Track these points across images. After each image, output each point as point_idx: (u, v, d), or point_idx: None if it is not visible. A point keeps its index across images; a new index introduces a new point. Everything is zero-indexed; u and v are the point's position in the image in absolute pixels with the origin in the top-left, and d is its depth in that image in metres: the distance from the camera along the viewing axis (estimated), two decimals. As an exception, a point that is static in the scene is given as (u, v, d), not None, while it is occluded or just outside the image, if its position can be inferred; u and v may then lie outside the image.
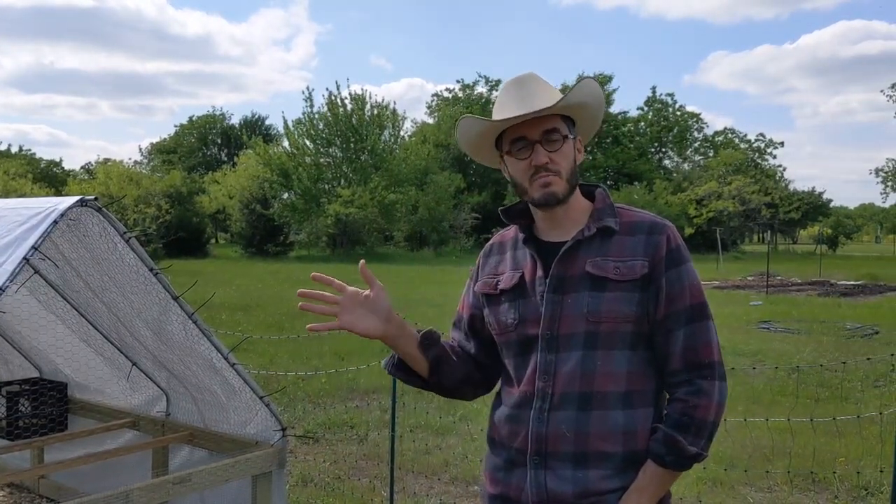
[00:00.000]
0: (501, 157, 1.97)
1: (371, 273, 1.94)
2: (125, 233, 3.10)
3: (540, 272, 1.89)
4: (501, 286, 1.97)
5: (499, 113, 1.92)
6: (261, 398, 3.62)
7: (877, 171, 54.36)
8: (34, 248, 2.65)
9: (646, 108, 67.59)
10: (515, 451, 1.89)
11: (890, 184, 53.62)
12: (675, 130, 66.35)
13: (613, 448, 1.80)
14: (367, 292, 1.94)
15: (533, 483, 1.84)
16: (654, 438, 1.80)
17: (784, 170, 69.25)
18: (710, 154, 65.28)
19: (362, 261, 2.03)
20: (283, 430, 3.72)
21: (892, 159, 53.14)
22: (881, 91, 59.58)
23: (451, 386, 2.17)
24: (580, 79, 2.00)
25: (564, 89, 1.95)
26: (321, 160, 44.97)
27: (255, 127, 73.71)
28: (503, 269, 2.01)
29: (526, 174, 1.88)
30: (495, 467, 1.96)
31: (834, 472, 5.35)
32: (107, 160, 49.91)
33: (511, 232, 2.07)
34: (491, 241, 2.14)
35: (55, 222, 2.74)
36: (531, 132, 1.87)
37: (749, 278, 26.93)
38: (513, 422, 1.91)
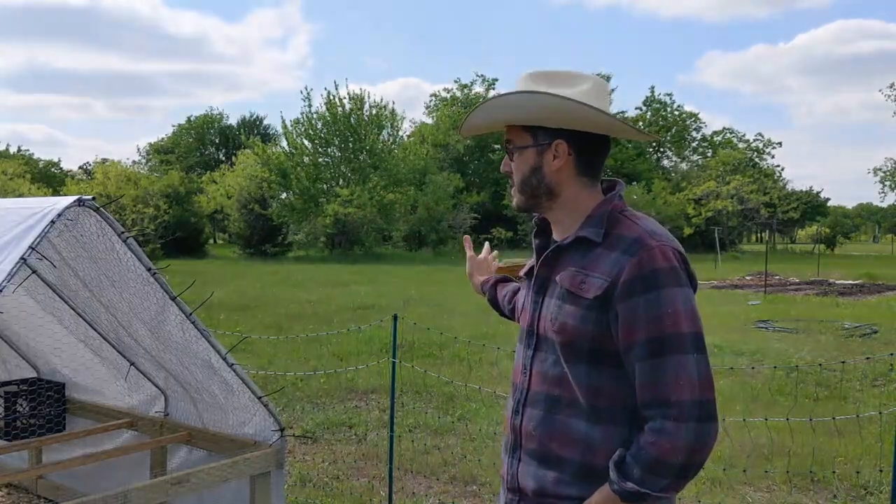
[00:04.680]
0: None
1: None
2: (123, 233, 3.09)
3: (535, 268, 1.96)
4: (523, 272, 2.08)
5: None
6: (259, 398, 3.62)
7: (875, 170, 54.41)
8: (31, 247, 2.64)
9: (644, 108, 67.64)
10: (507, 438, 1.98)
11: (888, 183, 53.68)
12: (674, 130, 66.36)
13: (571, 455, 1.80)
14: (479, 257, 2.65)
15: (510, 470, 1.94)
16: (611, 461, 1.74)
17: (782, 169, 69.32)
18: (709, 154, 65.31)
19: (466, 236, 2.79)
20: (282, 430, 3.71)
21: (891, 158, 53.23)
22: (879, 90, 59.78)
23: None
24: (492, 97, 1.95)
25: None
26: (319, 160, 44.93)
27: (254, 127, 73.74)
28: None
29: None
30: (502, 449, 2.05)
31: (833, 472, 5.35)
32: (105, 160, 49.82)
33: None
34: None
35: (52, 222, 2.73)
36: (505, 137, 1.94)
37: (747, 278, 26.95)
38: (507, 410, 2.00)
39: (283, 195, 44.77)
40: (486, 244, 2.74)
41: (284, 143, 46.42)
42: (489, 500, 5.19)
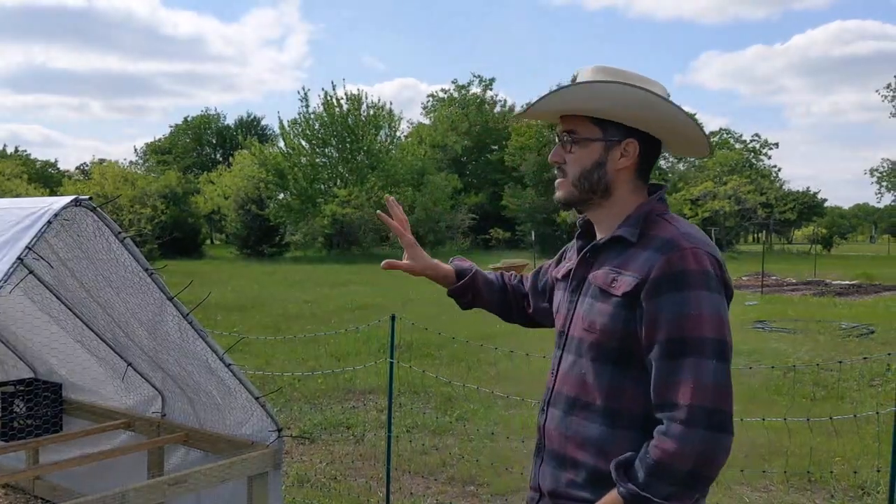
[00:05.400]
0: None
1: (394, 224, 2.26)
2: (120, 233, 3.08)
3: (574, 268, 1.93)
4: (560, 274, 2.02)
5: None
6: (256, 399, 3.61)
7: (871, 171, 54.57)
8: (28, 248, 2.63)
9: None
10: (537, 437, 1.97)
11: (884, 184, 53.78)
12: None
13: (584, 458, 1.77)
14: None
15: (535, 469, 1.93)
16: (617, 460, 1.70)
17: (779, 170, 69.45)
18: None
19: (389, 197, 2.34)
20: (279, 430, 3.71)
21: (887, 159, 53.35)
22: (876, 91, 59.78)
23: (490, 309, 2.32)
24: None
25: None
26: (317, 160, 44.92)
27: (251, 127, 73.72)
28: (569, 256, 2.05)
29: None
30: None
31: (831, 472, 5.36)
32: (102, 160, 49.73)
33: None
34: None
35: (49, 222, 2.73)
36: (559, 128, 1.85)
37: (744, 278, 26.96)
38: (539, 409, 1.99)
39: (281, 196, 44.74)
40: (389, 198, 2.35)
41: (282, 144, 46.43)
42: (487, 501, 5.18)
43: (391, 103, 53.05)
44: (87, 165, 65.02)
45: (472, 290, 2.26)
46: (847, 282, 25.11)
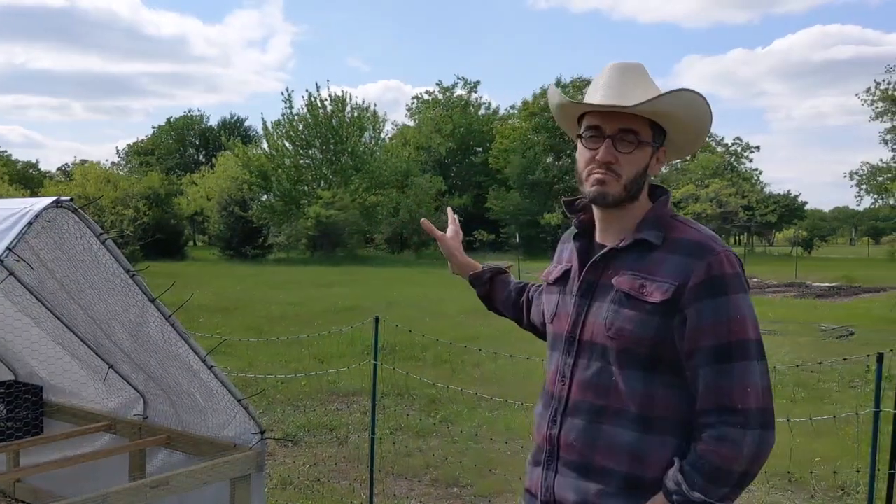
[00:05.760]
0: (576, 137, 1.89)
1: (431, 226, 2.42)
2: (102, 234, 3.07)
3: (578, 272, 1.89)
4: (552, 277, 1.99)
5: (590, 94, 1.82)
6: (239, 401, 3.60)
7: (851, 174, 54.80)
8: (8, 249, 2.61)
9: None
10: (538, 448, 1.91)
11: (864, 187, 54.17)
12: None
13: (617, 466, 1.74)
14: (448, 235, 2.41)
15: (543, 483, 1.86)
16: (669, 472, 1.70)
17: (760, 173, 69.95)
18: (688, 157, 65.76)
19: (424, 219, 2.48)
20: (262, 432, 3.69)
21: (867, 163, 53.61)
22: (856, 95, 60.02)
23: (504, 309, 2.37)
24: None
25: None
26: (301, 162, 44.79)
27: (234, 128, 73.30)
28: (564, 258, 2.01)
29: (587, 166, 1.80)
30: (528, 461, 1.99)
31: (811, 473, 5.40)
32: (84, 161, 49.38)
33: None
34: (569, 230, 2.08)
35: (30, 223, 2.70)
36: (608, 125, 1.77)
37: (727, 280, 27.10)
38: (539, 419, 1.93)
39: (264, 197, 44.56)
40: (449, 209, 2.57)
41: (265, 145, 46.22)
42: (471, 503, 5.19)
43: (375, 105, 53.18)
44: (68, 166, 64.43)
45: (489, 282, 2.36)
46: (827, 284, 25.33)
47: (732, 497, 1.68)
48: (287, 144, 44.68)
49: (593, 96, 1.79)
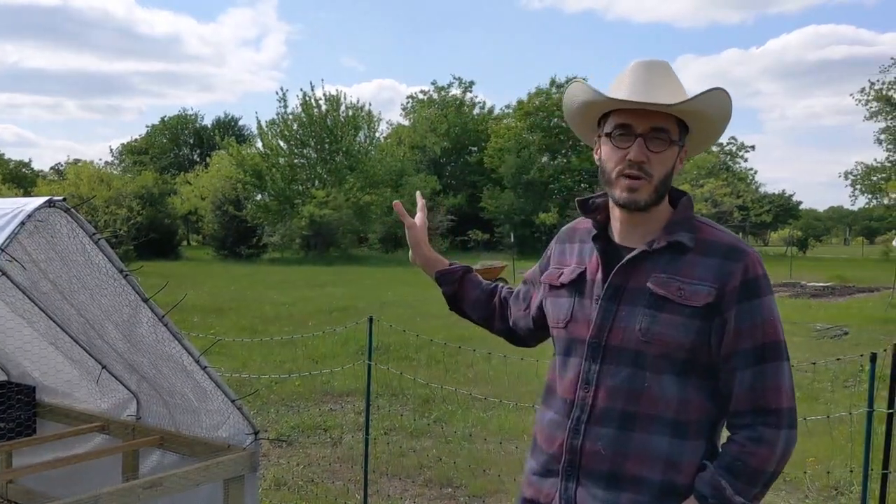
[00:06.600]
0: (599, 137, 1.83)
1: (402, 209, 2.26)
2: (95, 234, 3.05)
3: (601, 275, 1.81)
4: (562, 279, 1.91)
5: (615, 91, 1.75)
6: (233, 401, 3.59)
7: (845, 174, 55.04)
8: (1, 249, 2.60)
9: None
10: (551, 458, 1.83)
11: (858, 187, 54.39)
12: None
13: (651, 474, 1.70)
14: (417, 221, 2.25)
15: (563, 494, 1.79)
16: (701, 476, 1.68)
17: (755, 173, 70.12)
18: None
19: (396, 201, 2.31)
20: (256, 433, 3.68)
21: (861, 163, 53.89)
22: (850, 95, 60.24)
23: (473, 312, 2.28)
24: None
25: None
26: (295, 161, 44.72)
27: (228, 127, 73.18)
28: (570, 259, 1.94)
29: (617, 166, 1.74)
30: (531, 470, 1.91)
31: (805, 472, 5.41)
32: (77, 161, 49.24)
33: (586, 222, 1.94)
34: (565, 228, 2.04)
35: (22, 223, 2.69)
36: (640, 124, 1.71)
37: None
38: (552, 427, 1.85)
39: (258, 196, 44.49)
40: (418, 193, 2.43)
41: (259, 144, 46.15)
42: (465, 503, 5.19)
43: (370, 104, 53.03)
44: (61, 166, 64.33)
45: (459, 281, 2.25)
46: (822, 284, 25.40)
47: (760, 497, 1.68)
48: (281, 144, 44.64)
49: (618, 94, 1.73)
